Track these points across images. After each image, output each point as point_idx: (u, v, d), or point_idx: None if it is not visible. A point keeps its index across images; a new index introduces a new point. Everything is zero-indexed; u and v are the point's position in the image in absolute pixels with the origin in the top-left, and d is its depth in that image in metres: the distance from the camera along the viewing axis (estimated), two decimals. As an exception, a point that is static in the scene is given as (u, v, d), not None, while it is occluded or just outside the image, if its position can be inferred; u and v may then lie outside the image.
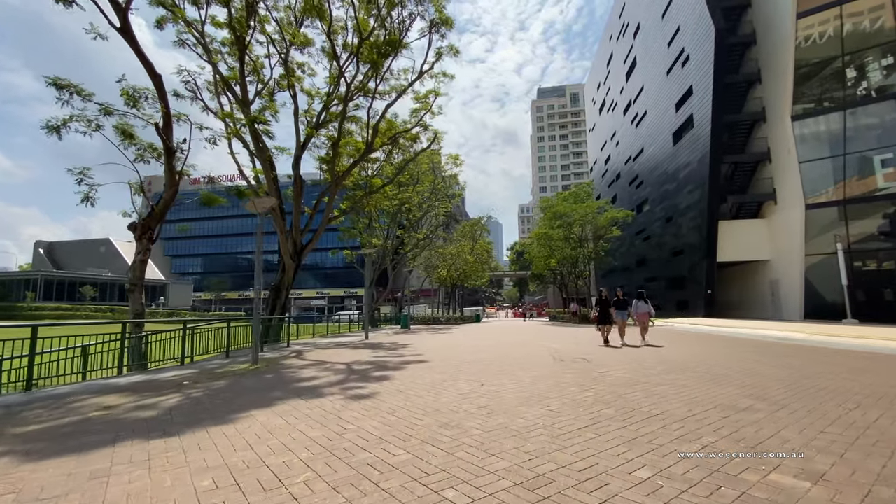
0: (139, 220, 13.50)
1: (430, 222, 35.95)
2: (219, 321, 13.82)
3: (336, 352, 11.92)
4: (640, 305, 12.45)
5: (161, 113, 13.64)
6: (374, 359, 9.94)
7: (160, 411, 5.11)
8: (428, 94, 22.28)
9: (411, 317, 36.16)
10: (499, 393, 5.64)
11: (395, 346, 13.29)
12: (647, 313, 12.48)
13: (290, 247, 19.63)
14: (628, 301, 12.73)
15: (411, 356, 10.32)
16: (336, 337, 19.17)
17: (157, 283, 67.38)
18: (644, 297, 12.59)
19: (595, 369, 7.57)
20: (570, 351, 10.76)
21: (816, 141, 24.21)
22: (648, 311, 12.51)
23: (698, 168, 28.20)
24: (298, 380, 7.20)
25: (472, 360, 9.18)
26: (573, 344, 12.89)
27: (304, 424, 4.32)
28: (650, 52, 37.42)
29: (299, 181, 19.70)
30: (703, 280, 27.91)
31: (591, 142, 67.65)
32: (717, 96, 25.96)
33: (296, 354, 11.39)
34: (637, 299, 12.63)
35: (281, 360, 9.99)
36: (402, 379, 6.95)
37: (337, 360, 9.92)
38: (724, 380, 6.28)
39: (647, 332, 12.54)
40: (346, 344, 14.70)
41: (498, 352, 10.96)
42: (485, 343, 14.03)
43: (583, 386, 6.02)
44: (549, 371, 7.47)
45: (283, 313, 19.21)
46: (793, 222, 24.42)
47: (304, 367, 8.68)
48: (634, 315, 12.56)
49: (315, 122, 20.24)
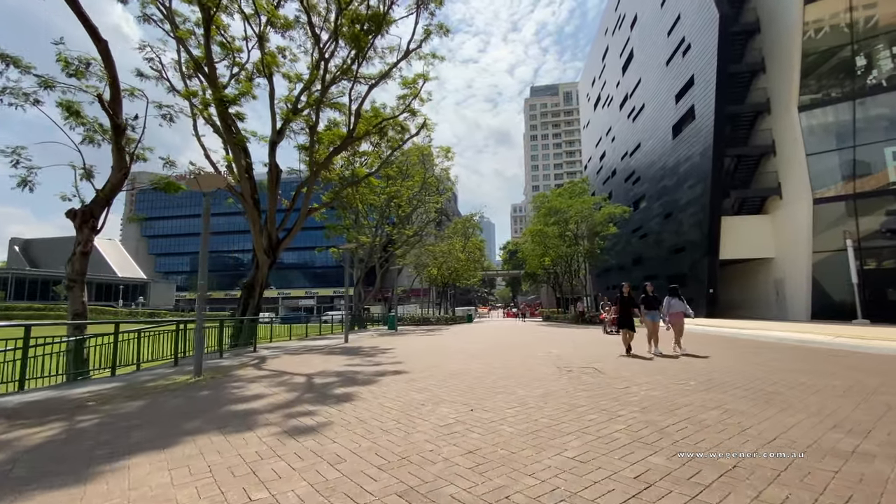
0: (81, 207, 11.80)
1: (420, 219, 34.40)
2: (171, 323, 12.15)
3: (305, 358, 10.34)
4: (675, 304, 10.08)
5: (107, 84, 11.95)
6: (345, 368, 8.37)
7: (7, 455, 3.52)
8: (416, 79, 20.78)
9: (400, 317, 34.60)
10: (494, 424, 4.12)
11: (375, 352, 11.73)
12: (682, 313, 10.14)
13: (265, 241, 18.02)
14: (659, 299, 10.22)
15: (390, 365, 8.77)
16: (315, 339, 17.56)
17: (137, 282, 64.94)
18: (678, 294, 10.25)
19: (612, 384, 6.09)
20: (573, 357, 9.30)
21: (824, 133, 23.10)
22: (684, 310, 10.15)
23: (700, 162, 26.99)
24: (236, 400, 5.62)
25: (460, 371, 7.66)
26: (575, 348, 11.44)
27: (192, 488, 2.77)
28: (648, 44, 36.22)
29: (275, 169, 18.06)
30: (704, 278, 26.71)
31: (586, 139, 66.54)
32: (721, 85, 24.75)
33: (257, 362, 9.79)
34: (670, 296, 10.23)
35: (233, 371, 8.39)
36: (370, 400, 5.41)
37: (301, 369, 8.35)
38: (782, 401, 4.83)
39: (683, 336, 10.13)
40: (321, 348, 13.11)
41: (491, 359, 9.45)
42: (476, 347, 12.53)
43: (605, 411, 4.53)
44: (555, 386, 5.98)
45: (256, 313, 17.60)
46: (799, 218, 23.28)
47: (256, 381, 7.10)
48: (667, 316, 10.11)
49: (293, 107, 18.65)
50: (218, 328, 11.49)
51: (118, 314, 53.94)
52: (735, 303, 28.53)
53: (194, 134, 15.97)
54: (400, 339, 17.43)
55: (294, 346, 14.21)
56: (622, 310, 10.13)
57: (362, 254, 30.23)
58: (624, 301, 10.14)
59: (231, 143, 15.75)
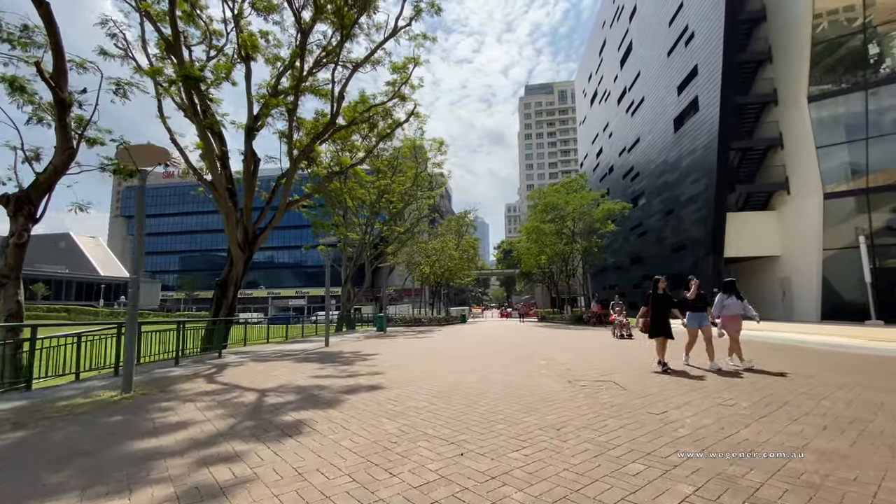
0: (16, 192, 10.29)
1: (412, 215, 32.95)
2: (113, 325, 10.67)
3: (271, 367, 8.91)
4: (731, 304, 7.50)
5: (50, 50, 10.46)
6: (311, 381, 6.97)
7: None
8: (406, 63, 19.43)
9: (390, 318, 33.19)
10: (495, 485, 2.75)
11: (354, 358, 10.33)
12: (739, 316, 7.56)
13: (240, 235, 16.56)
14: (708, 298, 7.74)
15: (366, 377, 7.39)
16: (295, 342, 16.11)
17: (120, 280, 62.76)
18: (736, 290, 7.61)
19: (642, 406, 4.76)
20: (583, 366, 7.97)
21: (835, 124, 22.04)
22: (743, 311, 7.53)
23: (703, 155, 25.86)
24: (148, 432, 4.19)
25: (450, 388, 6.30)
26: (582, 354, 10.12)
27: None
28: (648, 34, 35.06)
29: (251, 157, 16.61)
30: (708, 277, 25.54)
31: (582, 135, 65.45)
32: (727, 74, 23.62)
33: (214, 371, 8.36)
34: (726, 293, 7.59)
35: (177, 384, 6.95)
36: (324, 434, 4.01)
37: (258, 383, 6.94)
38: (878, 433, 3.52)
39: (739, 346, 7.49)
40: (295, 354, 11.68)
41: (488, 368, 8.10)
42: (470, 352, 11.17)
43: (651, 456, 3.18)
44: (571, 411, 4.64)
45: (230, 314, 16.15)
46: (809, 213, 22.20)
47: (194, 400, 5.67)
48: (719, 318, 7.66)
49: (273, 90, 17.20)
50: (176, 331, 10.02)
51: (99, 314, 51.92)
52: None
53: (159, 116, 14.43)
54: (387, 342, 16.03)
55: (268, 350, 12.76)
56: (656, 312, 7.47)
57: (351, 252, 28.76)
58: (658, 300, 7.48)
59: (199, 126, 14.23)
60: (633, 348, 10.96)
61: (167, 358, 9.82)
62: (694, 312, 7.53)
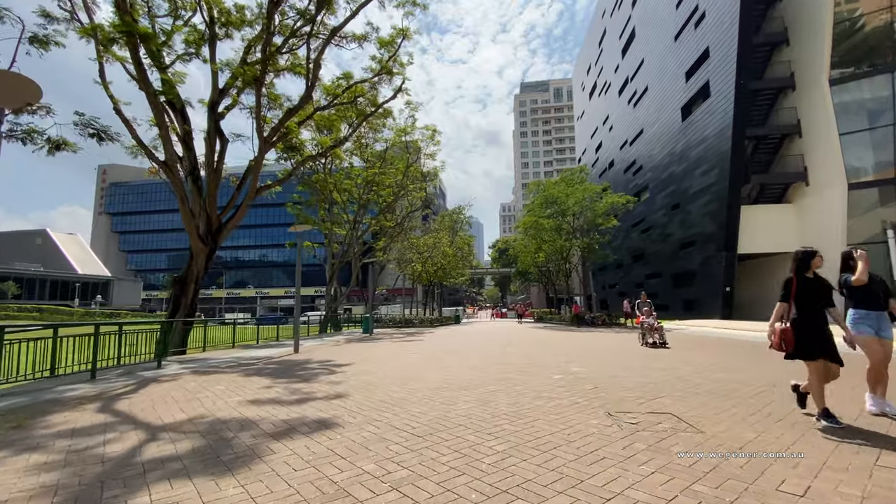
0: None
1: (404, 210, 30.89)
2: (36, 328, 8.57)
3: (208, 383, 6.89)
4: None
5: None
6: (239, 413, 4.98)
7: None
8: (394, 38, 17.49)
9: (379, 318, 31.19)
10: None
11: (319, 371, 8.33)
12: None
13: (202, 224, 14.49)
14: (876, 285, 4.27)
15: (320, 402, 5.40)
16: (262, 347, 14.06)
17: (98, 279, 60.02)
18: None
19: (760, 479, 2.82)
20: (615, 385, 6.05)
21: (859, 109, 20.39)
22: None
23: (715, 144, 24.13)
24: None
25: (433, 424, 4.34)
26: (605, 364, 8.20)
27: None
28: (653, 19, 33.30)
29: (214, 135, 14.57)
30: (719, 275, 23.84)
31: (580, 131, 63.73)
32: (743, 55, 21.89)
33: (128, 390, 6.33)
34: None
35: (50, 414, 4.92)
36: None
37: (164, 414, 4.94)
38: None
39: None
40: (251, 364, 9.65)
41: (488, 387, 6.15)
42: (464, 361, 9.22)
43: None
44: (636, 479, 2.69)
45: (190, 314, 14.12)
46: (831, 206, 20.53)
47: (40, 446, 3.66)
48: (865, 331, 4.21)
49: (242, 59, 15.18)
50: (94, 336, 7.94)
51: (74, 314, 49.25)
52: (749, 303, 25.76)
53: (100, 82, 12.27)
54: (368, 347, 14.03)
55: (222, 358, 10.71)
56: (807, 310, 3.96)
57: (338, 248, 26.68)
58: (810, 289, 3.97)
59: (148, 93, 12.13)
60: (670, 360, 9.06)
61: (82, 370, 7.76)
62: (866, 310, 4.18)
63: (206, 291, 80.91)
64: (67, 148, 10.71)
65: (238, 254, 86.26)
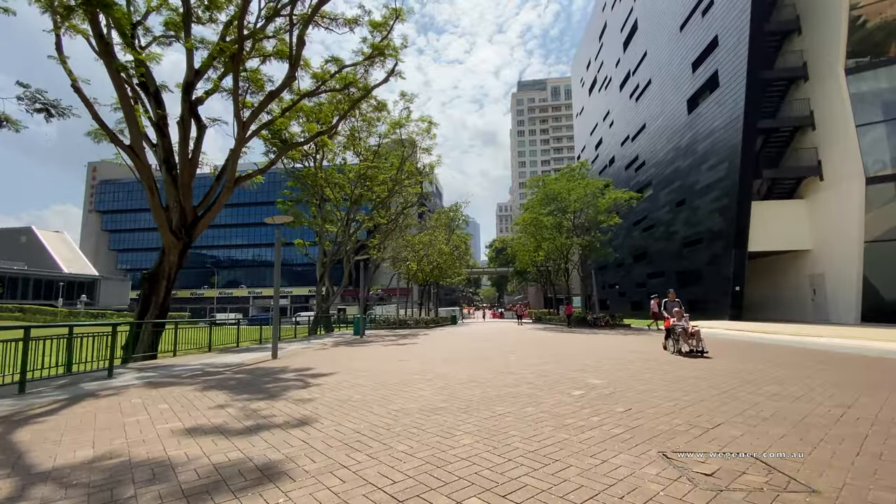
0: None
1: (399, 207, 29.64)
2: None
3: (155, 399, 5.66)
4: None
5: None
6: (161, 453, 3.76)
7: None
8: (387, 19, 16.28)
9: (373, 319, 29.96)
10: None
11: (291, 384, 7.10)
12: None
13: (176, 218, 13.25)
14: None
15: (278, 432, 4.19)
16: (239, 352, 12.79)
17: (84, 278, 58.30)
18: None
19: None
20: (651, 408, 4.88)
21: (877, 100, 19.39)
22: None
23: (724, 137, 23.07)
24: None
25: (420, 484, 3.14)
26: (629, 377, 7.04)
27: None
28: (657, 9, 32.23)
29: (189, 119, 13.29)
30: (728, 274, 22.77)
31: (579, 128, 62.67)
32: (755, 42, 20.82)
33: (44, 412, 5.09)
34: None
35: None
36: None
37: (60, 454, 3.72)
38: None
39: None
40: (218, 372, 8.41)
41: (495, 410, 4.96)
42: (463, 373, 8.02)
43: None
44: None
45: (161, 315, 12.88)
46: (847, 201, 19.52)
47: None
48: None
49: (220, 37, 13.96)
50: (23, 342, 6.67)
51: (58, 315, 47.58)
52: (760, 303, 24.76)
53: (56, 57, 10.97)
54: (357, 351, 12.81)
55: (189, 365, 9.45)
56: None
57: (329, 246, 25.41)
58: None
59: (110, 67, 10.84)
60: (712, 371, 7.89)
61: (7, 383, 6.50)
62: None
63: (198, 291, 79.29)
64: (10, 125, 9.42)
65: (231, 253, 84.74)
